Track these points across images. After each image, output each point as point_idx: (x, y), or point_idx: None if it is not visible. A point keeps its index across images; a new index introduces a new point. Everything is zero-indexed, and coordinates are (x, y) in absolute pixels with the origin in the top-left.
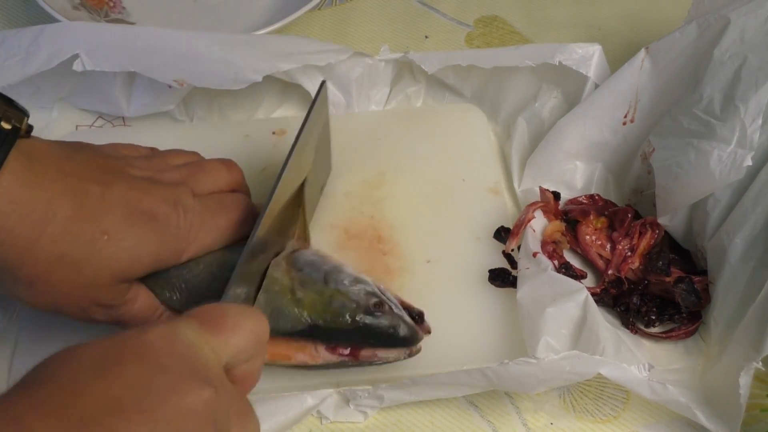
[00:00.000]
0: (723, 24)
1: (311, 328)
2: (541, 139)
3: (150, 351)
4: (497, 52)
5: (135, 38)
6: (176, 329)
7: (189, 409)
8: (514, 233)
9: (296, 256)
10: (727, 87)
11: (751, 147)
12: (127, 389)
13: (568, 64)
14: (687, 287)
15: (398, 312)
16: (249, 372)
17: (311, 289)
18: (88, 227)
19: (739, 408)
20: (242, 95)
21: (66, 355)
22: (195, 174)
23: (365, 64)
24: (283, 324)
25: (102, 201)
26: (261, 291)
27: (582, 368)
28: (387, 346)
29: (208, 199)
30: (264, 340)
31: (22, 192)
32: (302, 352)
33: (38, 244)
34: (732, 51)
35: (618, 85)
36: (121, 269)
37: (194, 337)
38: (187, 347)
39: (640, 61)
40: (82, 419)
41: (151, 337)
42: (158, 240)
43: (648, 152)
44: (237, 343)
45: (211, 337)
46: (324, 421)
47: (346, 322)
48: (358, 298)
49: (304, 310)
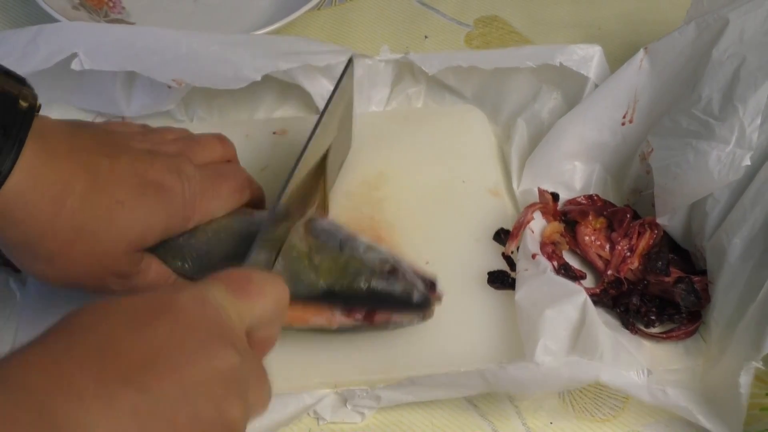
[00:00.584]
0: (722, 24)
1: (327, 292)
2: (541, 141)
3: (182, 310)
4: (498, 53)
5: (134, 38)
6: (206, 291)
7: (216, 370)
8: (513, 235)
9: (313, 224)
10: (725, 87)
11: (750, 147)
12: (162, 346)
13: (568, 65)
14: (686, 287)
15: (411, 278)
16: (268, 337)
17: (327, 255)
18: (104, 198)
19: (741, 407)
20: (242, 95)
21: (100, 309)
22: (191, 146)
23: (365, 65)
24: (300, 289)
25: (112, 173)
26: (279, 256)
27: (581, 374)
28: (401, 311)
29: (207, 169)
30: (284, 307)
31: (41, 168)
32: (319, 315)
33: (58, 218)
34: (731, 51)
35: (617, 85)
36: (137, 238)
37: (222, 300)
38: (215, 310)
39: (639, 61)
40: (118, 373)
41: (183, 298)
42: (166, 208)
43: (647, 152)
44: (261, 308)
45: (237, 301)
46: (321, 421)
47: (361, 286)
48: (372, 264)
49: (320, 275)
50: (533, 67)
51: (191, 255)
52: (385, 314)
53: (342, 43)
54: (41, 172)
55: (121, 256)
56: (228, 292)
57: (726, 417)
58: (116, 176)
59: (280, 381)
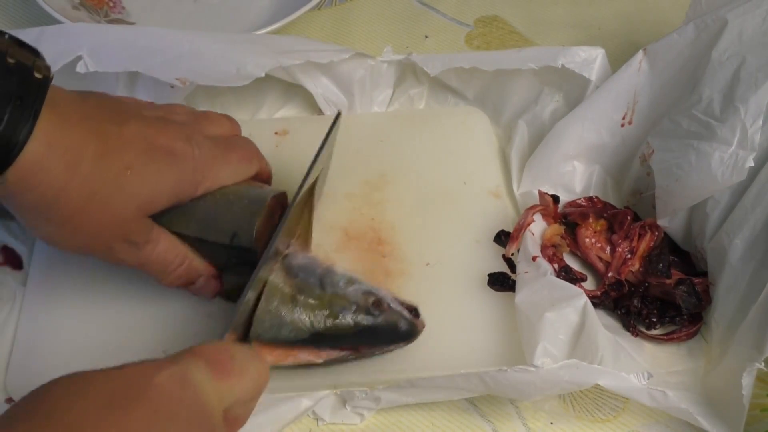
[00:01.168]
0: (720, 25)
1: (313, 335)
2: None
3: (161, 395)
4: (500, 55)
5: (136, 38)
6: (186, 371)
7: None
8: (514, 237)
9: (289, 262)
10: (726, 88)
11: (752, 148)
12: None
13: (570, 67)
14: (688, 289)
15: (396, 308)
16: (242, 414)
17: (310, 296)
18: (114, 163)
19: (742, 409)
20: (245, 95)
21: (70, 388)
22: (200, 120)
23: (368, 66)
24: (286, 333)
25: (120, 138)
26: (262, 299)
27: (580, 378)
28: (388, 343)
29: (217, 139)
30: (263, 386)
31: (55, 135)
32: (305, 352)
33: (72, 183)
34: (730, 52)
35: (616, 86)
36: (146, 202)
37: (203, 382)
38: (195, 393)
39: (638, 62)
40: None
41: (162, 379)
42: (177, 172)
43: (647, 154)
44: (241, 388)
45: (218, 382)
46: (320, 422)
47: (348, 325)
48: (356, 299)
49: (305, 317)
50: (535, 69)
51: (199, 217)
52: (371, 347)
53: (342, 43)
54: (55, 140)
55: (131, 220)
56: (209, 371)
57: (727, 418)
58: (125, 141)
59: (280, 381)
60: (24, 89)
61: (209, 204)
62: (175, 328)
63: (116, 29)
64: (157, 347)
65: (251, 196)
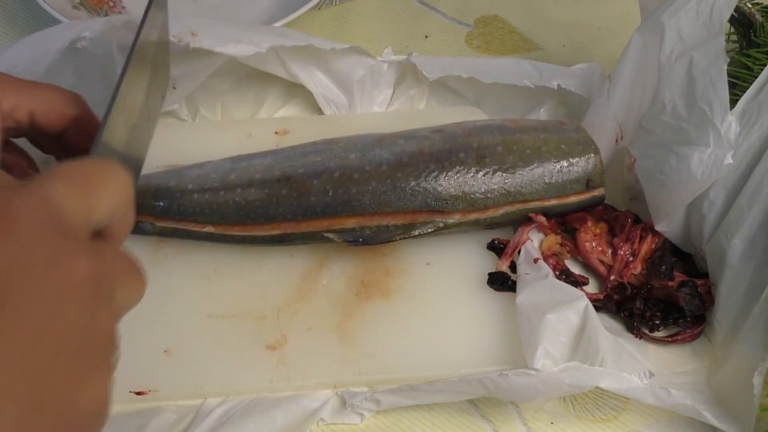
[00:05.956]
0: (660, 28)
1: None
2: None
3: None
4: (498, 64)
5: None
6: (46, 191)
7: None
8: (507, 254)
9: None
10: (684, 91)
11: (729, 146)
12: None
13: (566, 87)
14: (691, 291)
15: None
16: (122, 226)
17: None
18: None
19: (752, 407)
20: (245, 94)
21: None
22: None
23: (368, 65)
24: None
25: None
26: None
27: (581, 380)
28: None
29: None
30: (130, 196)
31: None
32: None
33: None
34: (676, 52)
35: (596, 117)
36: None
37: (64, 199)
38: (59, 214)
39: (606, 91)
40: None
41: (21, 202)
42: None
43: (630, 163)
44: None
45: (82, 198)
46: (320, 422)
47: None
48: None
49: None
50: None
51: None
52: None
53: (342, 42)
54: None
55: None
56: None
57: (737, 416)
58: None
59: (280, 381)
60: None
61: None
62: (176, 328)
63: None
64: (158, 347)
65: None
